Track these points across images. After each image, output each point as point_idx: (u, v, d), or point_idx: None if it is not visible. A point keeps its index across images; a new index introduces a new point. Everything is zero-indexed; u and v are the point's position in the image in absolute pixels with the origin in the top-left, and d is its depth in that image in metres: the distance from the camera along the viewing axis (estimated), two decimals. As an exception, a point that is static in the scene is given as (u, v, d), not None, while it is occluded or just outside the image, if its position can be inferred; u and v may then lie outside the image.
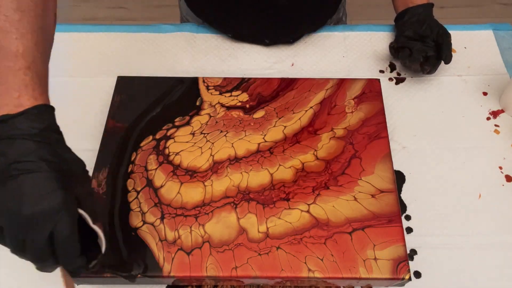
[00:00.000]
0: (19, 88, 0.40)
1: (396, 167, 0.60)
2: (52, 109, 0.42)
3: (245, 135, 0.58)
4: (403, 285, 0.50)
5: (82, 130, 0.63)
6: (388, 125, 0.62)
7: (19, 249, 0.38)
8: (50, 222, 0.37)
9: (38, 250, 0.38)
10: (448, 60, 0.65)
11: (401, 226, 0.51)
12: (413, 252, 0.54)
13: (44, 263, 0.39)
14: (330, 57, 0.72)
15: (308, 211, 0.52)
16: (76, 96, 0.67)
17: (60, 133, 0.42)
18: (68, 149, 0.42)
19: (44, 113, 0.41)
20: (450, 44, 0.65)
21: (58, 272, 0.42)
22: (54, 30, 0.48)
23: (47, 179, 0.38)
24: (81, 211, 0.40)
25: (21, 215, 0.36)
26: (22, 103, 0.39)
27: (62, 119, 0.64)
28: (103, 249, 0.43)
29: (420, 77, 0.69)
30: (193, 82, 0.63)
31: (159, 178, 0.54)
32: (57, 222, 0.37)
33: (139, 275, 0.48)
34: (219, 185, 0.54)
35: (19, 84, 0.40)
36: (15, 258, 0.53)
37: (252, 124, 0.59)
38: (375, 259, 0.49)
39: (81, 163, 0.43)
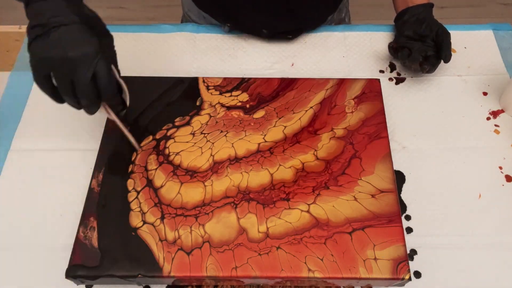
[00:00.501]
0: None
1: (396, 167, 0.60)
2: None
3: (245, 135, 0.58)
4: (403, 285, 0.50)
5: (82, 130, 0.63)
6: (388, 125, 0.62)
7: (68, 90, 0.46)
8: (92, 62, 0.45)
9: (85, 86, 0.45)
10: (447, 60, 0.64)
11: (401, 226, 0.51)
12: (413, 252, 0.54)
13: (90, 99, 0.47)
14: (330, 57, 0.72)
15: (308, 211, 0.52)
16: (76, 96, 0.67)
17: None
18: (90, 9, 0.48)
19: None
20: (450, 43, 0.65)
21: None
22: None
23: (82, 29, 0.45)
24: (112, 67, 0.48)
25: (68, 58, 0.44)
26: None
27: (62, 119, 0.65)
28: (127, 101, 0.53)
29: (420, 77, 0.69)
30: (193, 82, 0.63)
31: (159, 178, 0.54)
32: (98, 63, 0.45)
33: (139, 275, 0.48)
34: (219, 185, 0.54)
35: None
36: (15, 258, 0.54)
37: (252, 124, 0.59)
38: (375, 259, 0.49)
39: (101, 20, 0.49)
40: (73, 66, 0.44)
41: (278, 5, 0.68)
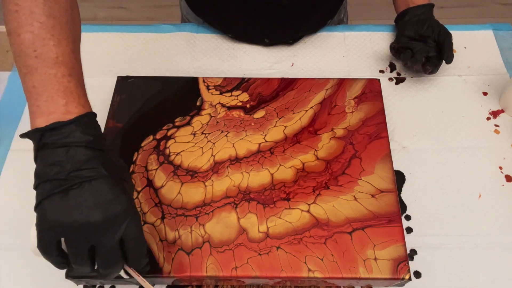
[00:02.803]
0: (65, 95, 0.39)
1: (396, 167, 0.60)
2: (96, 116, 0.42)
3: (246, 135, 0.58)
4: (403, 285, 0.50)
5: (82, 130, 0.63)
6: (388, 125, 0.62)
7: (84, 258, 0.37)
8: (120, 227, 0.37)
9: (109, 253, 0.37)
10: (449, 60, 0.65)
11: (401, 226, 0.51)
12: (413, 252, 0.54)
13: (113, 267, 0.39)
14: (330, 57, 0.72)
15: (308, 211, 0.52)
16: (76, 96, 0.67)
17: (105, 140, 0.42)
18: (117, 156, 0.42)
19: (93, 121, 0.41)
20: (452, 44, 0.65)
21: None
22: (80, 38, 0.47)
23: (110, 184, 0.38)
24: None
25: (92, 223, 0.36)
26: (70, 110, 0.39)
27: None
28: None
29: (420, 77, 0.69)
30: (193, 82, 0.63)
31: (159, 178, 0.54)
32: (127, 226, 0.38)
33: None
34: (220, 185, 0.54)
35: (64, 91, 0.39)
36: (15, 258, 0.54)
37: (252, 124, 0.59)
38: (375, 259, 0.49)
39: (126, 168, 0.42)
40: (97, 231, 0.37)
41: (277, 15, 0.68)
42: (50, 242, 0.37)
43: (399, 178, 0.59)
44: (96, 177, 0.37)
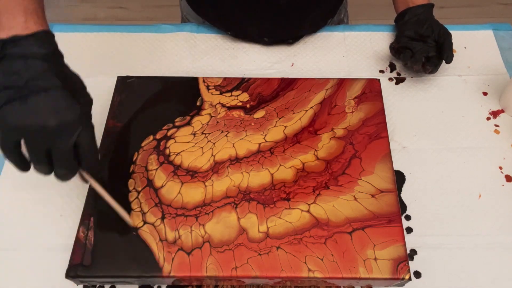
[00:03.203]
0: (25, 14, 0.43)
1: (396, 167, 0.60)
2: (54, 37, 0.45)
3: (246, 135, 0.58)
4: (403, 285, 0.50)
5: (82, 130, 0.63)
6: (388, 125, 0.62)
7: (42, 159, 0.42)
8: (73, 133, 0.42)
9: (64, 156, 0.42)
10: (449, 60, 0.65)
11: (401, 226, 0.51)
12: (413, 252, 0.54)
13: (69, 169, 0.44)
14: (330, 57, 0.72)
15: (308, 211, 0.52)
16: (76, 96, 0.67)
17: (63, 57, 0.46)
18: (70, 69, 0.46)
19: (50, 37, 0.44)
20: (452, 44, 0.65)
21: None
22: None
23: (64, 95, 0.42)
24: None
25: (47, 126, 0.40)
26: (29, 26, 0.42)
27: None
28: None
29: (420, 77, 0.69)
30: (193, 82, 0.63)
31: (159, 178, 0.54)
32: (80, 134, 0.42)
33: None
34: (220, 185, 0.54)
35: (24, 11, 0.43)
36: (15, 258, 0.54)
37: (252, 124, 0.59)
38: (375, 259, 0.49)
39: (79, 79, 0.46)
40: (52, 135, 0.41)
41: (277, 14, 0.68)
42: (11, 143, 0.42)
43: (399, 178, 0.59)
44: (51, 87, 0.41)
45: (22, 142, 0.42)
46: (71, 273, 0.48)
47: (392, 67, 0.70)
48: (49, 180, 0.59)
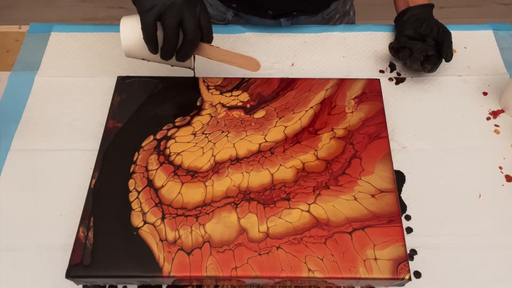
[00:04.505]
0: None
1: (396, 167, 0.60)
2: None
3: (246, 135, 0.58)
4: (403, 285, 0.50)
5: (82, 130, 0.63)
6: (388, 125, 0.62)
7: (174, 31, 0.51)
8: (196, 6, 0.52)
9: (193, 24, 0.52)
10: (449, 59, 0.65)
11: (401, 226, 0.51)
12: (413, 252, 0.54)
13: (195, 34, 0.52)
14: (330, 57, 0.72)
15: (308, 211, 0.52)
16: (76, 96, 0.67)
17: None
18: None
19: None
20: (451, 42, 0.65)
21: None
22: None
23: None
24: None
25: (175, 2, 0.50)
26: None
27: (62, 119, 0.65)
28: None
29: (420, 77, 0.69)
30: (193, 82, 0.63)
31: (159, 178, 0.54)
32: (201, 7, 0.53)
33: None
34: (220, 185, 0.54)
35: None
36: (15, 258, 0.54)
37: (253, 124, 0.59)
38: (375, 259, 0.49)
39: None
40: (182, 8, 0.50)
41: None
42: (150, 20, 0.51)
43: (399, 178, 0.59)
44: None
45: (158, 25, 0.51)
46: (71, 273, 0.48)
47: (392, 67, 0.70)
48: (49, 180, 0.59)
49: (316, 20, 0.80)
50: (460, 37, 0.72)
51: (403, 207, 0.57)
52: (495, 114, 0.65)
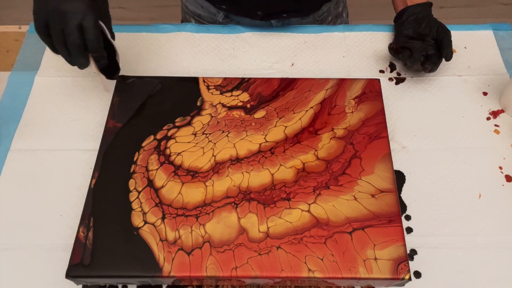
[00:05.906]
0: None
1: (396, 167, 0.60)
2: None
3: (247, 135, 0.58)
4: (403, 285, 0.50)
5: (82, 130, 0.63)
6: (388, 125, 0.62)
7: (59, 39, 0.53)
8: (79, 16, 0.52)
9: (72, 36, 0.52)
10: (449, 58, 0.64)
11: (401, 226, 0.51)
12: (413, 252, 0.54)
13: (77, 50, 0.53)
14: (330, 57, 0.72)
15: (308, 211, 0.52)
16: (76, 96, 0.67)
17: None
18: None
19: None
20: (451, 41, 0.65)
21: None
22: None
23: None
24: (101, 23, 0.55)
25: (60, 10, 0.51)
26: None
27: (62, 119, 0.65)
28: (120, 63, 0.60)
29: (420, 77, 0.69)
30: (193, 82, 0.63)
31: (160, 178, 0.54)
32: (85, 17, 0.52)
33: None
34: (220, 185, 0.54)
35: None
36: (15, 258, 0.54)
37: (253, 124, 0.59)
38: (375, 259, 0.49)
39: None
40: (64, 17, 0.51)
41: None
42: (39, 24, 0.53)
43: (399, 178, 0.59)
44: None
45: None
46: (71, 273, 0.48)
47: (392, 67, 0.70)
48: (49, 180, 0.59)
49: (307, 22, 0.79)
50: (460, 37, 0.72)
51: (403, 207, 0.57)
52: (495, 114, 0.65)
